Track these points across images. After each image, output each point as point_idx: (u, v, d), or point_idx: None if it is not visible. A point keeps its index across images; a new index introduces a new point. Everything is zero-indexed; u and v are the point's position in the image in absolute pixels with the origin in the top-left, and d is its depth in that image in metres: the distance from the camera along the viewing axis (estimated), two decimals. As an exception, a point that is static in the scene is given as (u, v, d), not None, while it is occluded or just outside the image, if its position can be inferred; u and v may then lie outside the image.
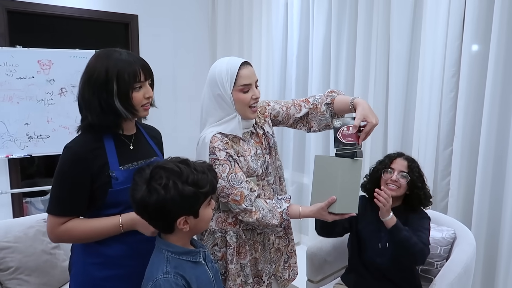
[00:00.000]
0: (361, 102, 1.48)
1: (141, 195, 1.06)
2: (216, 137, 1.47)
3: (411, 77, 2.52)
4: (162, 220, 1.10)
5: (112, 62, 1.22)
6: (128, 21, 3.65)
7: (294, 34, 3.23)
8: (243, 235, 1.55)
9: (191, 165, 1.10)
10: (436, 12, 2.28)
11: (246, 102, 1.49)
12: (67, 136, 2.99)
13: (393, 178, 1.79)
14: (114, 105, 1.23)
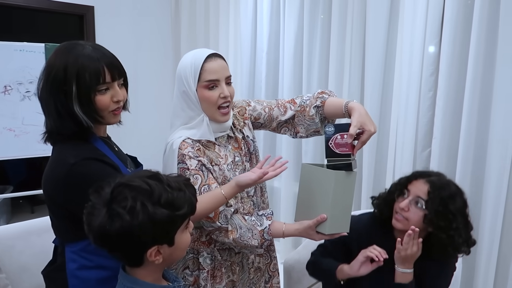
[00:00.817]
0: (357, 106, 1.27)
1: (100, 222, 0.83)
2: (186, 142, 1.27)
3: (387, 75, 2.43)
4: (129, 252, 0.88)
5: (72, 58, 1.03)
6: (83, 12, 3.37)
7: (264, 29, 3.09)
8: (219, 256, 1.36)
9: (164, 180, 0.88)
10: (414, 7, 2.20)
11: (212, 101, 1.27)
12: (13, 139, 2.68)
13: (401, 205, 1.30)
14: (73, 110, 1.04)
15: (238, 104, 1.46)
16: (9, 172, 4.40)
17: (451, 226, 1.24)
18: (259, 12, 3.11)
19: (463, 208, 1.28)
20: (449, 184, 1.30)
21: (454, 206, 1.25)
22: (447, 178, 1.34)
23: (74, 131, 1.06)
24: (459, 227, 1.25)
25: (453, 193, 1.28)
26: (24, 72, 2.68)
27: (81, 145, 1.08)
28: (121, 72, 1.12)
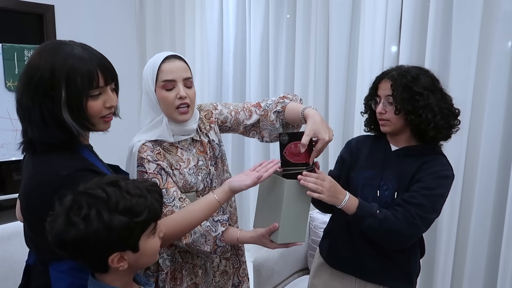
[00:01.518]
0: (312, 113, 1.25)
1: (56, 230, 0.82)
2: (145, 146, 1.27)
3: (350, 73, 2.51)
4: (89, 259, 0.87)
5: (61, 59, 0.93)
6: (42, 11, 3.25)
7: (230, 30, 3.10)
8: (179, 258, 1.36)
9: (123, 187, 0.86)
10: (374, 8, 2.28)
11: (169, 102, 1.27)
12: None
13: (378, 110, 1.33)
14: (61, 117, 0.94)
15: (205, 107, 1.46)
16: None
17: (418, 105, 1.25)
18: (225, 13, 3.12)
19: (431, 84, 1.30)
20: (409, 70, 1.31)
21: (418, 86, 1.27)
22: (409, 66, 1.35)
23: (61, 139, 0.97)
24: (429, 103, 1.26)
25: (414, 75, 1.29)
26: (-22, 74, 2.57)
27: (67, 155, 0.99)
28: (114, 75, 1.03)
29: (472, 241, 2.08)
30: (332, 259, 1.49)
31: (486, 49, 1.97)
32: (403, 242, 1.31)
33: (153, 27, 3.58)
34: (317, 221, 2.20)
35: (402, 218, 1.25)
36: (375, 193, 1.36)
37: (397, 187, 1.33)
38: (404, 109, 1.27)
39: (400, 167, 1.34)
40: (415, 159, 1.33)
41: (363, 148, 1.46)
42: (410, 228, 1.25)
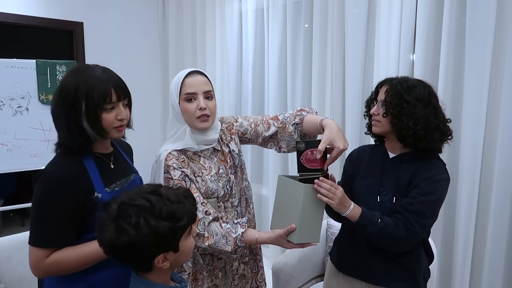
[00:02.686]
0: (329, 123, 1.35)
1: (110, 237, 0.93)
2: (171, 154, 1.38)
3: (366, 85, 2.57)
4: (137, 261, 0.97)
5: (83, 79, 1.16)
6: (72, 28, 3.43)
7: (249, 43, 3.21)
8: (201, 260, 1.44)
9: (164, 195, 0.96)
10: (389, 24, 2.35)
11: (191, 113, 1.38)
12: (5, 154, 2.72)
13: (372, 111, 1.41)
14: (81, 125, 1.16)
15: (227, 120, 1.56)
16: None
17: (403, 112, 1.32)
18: (244, 28, 3.23)
19: (425, 97, 1.35)
20: (407, 80, 1.38)
21: (410, 95, 1.33)
22: (413, 78, 1.41)
23: (80, 144, 1.18)
24: (414, 112, 1.32)
25: (411, 85, 1.35)
26: (16, 88, 2.74)
27: (66, 159, 1.18)
28: (126, 93, 1.24)
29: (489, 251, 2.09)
30: (342, 265, 1.55)
31: (500, 57, 2.01)
32: (403, 247, 1.37)
33: (175, 43, 3.72)
34: (334, 228, 2.25)
35: (403, 225, 1.32)
36: (376, 199, 1.43)
37: (396, 192, 1.40)
38: (391, 113, 1.35)
39: (397, 173, 1.41)
40: (411, 165, 1.39)
41: (363, 157, 1.54)
42: (409, 235, 1.32)
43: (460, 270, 2.17)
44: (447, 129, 1.40)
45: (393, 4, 2.32)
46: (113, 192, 1.23)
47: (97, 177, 1.21)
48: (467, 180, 2.12)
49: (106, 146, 1.29)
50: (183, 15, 3.60)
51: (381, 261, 1.42)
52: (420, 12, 2.22)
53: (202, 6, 3.41)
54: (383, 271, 1.43)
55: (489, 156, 2.10)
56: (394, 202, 1.38)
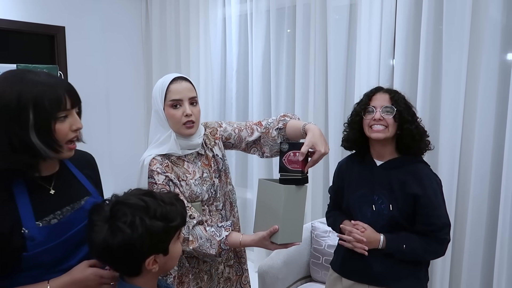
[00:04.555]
0: (312, 128, 1.39)
1: (103, 237, 0.92)
2: (155, 159, 1.39)
3: (348, 89, 2.64)
4: (129, 263, 0.97)
5: (27, 85, 0.95)
6: (53, 33, 3.39)
7: (233, 49, 3.23)
8: (186, 263, 1.45)
9: (157, 196, 0.99)
10: (369, 30, 2.42)
11: (177, 119, 1.40)
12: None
13: (376, 117, 1.45)
14: (29, 141, 0.95)
15: (211, 125, 1.58)
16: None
17: (414, 118, 1.47)
18: (228, 33, 3.26)
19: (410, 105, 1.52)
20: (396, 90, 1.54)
21: (408, 103, 1.50)
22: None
23: (27, 164, 0.98)
24: (415, 119, 1.49)
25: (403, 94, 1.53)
26: (-5, 92, 2.69)
27: None
28: (78, 99, 1.05)
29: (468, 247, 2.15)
30: (345, 271, 1.59)
31: (475, 61, 2.10)
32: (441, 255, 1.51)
33: (158, 48, 3.71)
34: (318, 230, 2.28)
35: (435, 242, 1.45)
36: (372, 208, 1.49)
37: (391, 199, 1.46)
38: (406, 118, 1.45)
39: (388, 179, 1.48)
40: (401, 170, 1.48)
41: (352, 168, 1.61)
42: (444, 244, 1.47)
43: (441, 269, 2.23)
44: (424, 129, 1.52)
45: (373, 11, 2.38)
46: (48, 226, 1.01)
47: (26, 208, 0.99)
48: (446, 182, 2.17)
49: (50, 166, 1.07)
50: (166, 20, 3.60)
51: (385, 263, 1.47)
52: (399, 19, 2.30)
53: (186, 11, 3.42)
54: (387, 272, 1.48)
55: (466, 158, 2.17)
56: (391, 209, 1.45)
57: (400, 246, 1.43)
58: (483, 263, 2.16)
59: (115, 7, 3.71)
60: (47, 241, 1.00)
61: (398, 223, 1.46)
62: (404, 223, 1.46)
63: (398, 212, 1.45)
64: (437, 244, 1.46)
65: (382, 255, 1.46)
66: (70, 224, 1.05)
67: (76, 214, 1.07)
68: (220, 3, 3.25)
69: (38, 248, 0.99)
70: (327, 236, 2.24)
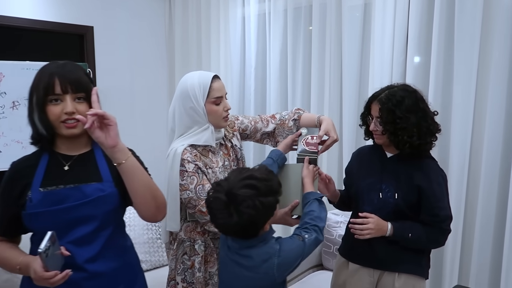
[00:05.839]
0: (326, 118, 1.63)
1: (235, 221, 1.15)
2: (186, 150, 1.51)
3: (362, 85, 2.71)
4: (254, 232, 1.22)
5: (40, 72, 1.16)
6: (83, 32, 3.58)
7: (251, 47, 3.34)
8: (211, 244, 1.59)
9: (259, 176, 1.20)
10: (383, 28, 2.48)
11: (219, 114, 1.55)
12: (20, 151, 2.79)
13: (371, 128, 1.58)
14: (33, 118, 1.16)
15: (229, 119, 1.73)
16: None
17: (398, 127, 1.48)
18: (247, 32, 3.37)
19: (414, 105, 1.50)
20: (395, 93, 1.51)
21: (401, 109, 1.48)
22: (398, 86, 1.56)
23: (35, 139, 1.19)
24: (406, 126, 1.47)
25: (399, 98, 1.49)
26: (30, 88, 2.90)
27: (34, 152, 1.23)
28: (78, 87, 1.15)
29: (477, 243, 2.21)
30: (351, 255, 1.70)
31: (486, 57, 2.15)
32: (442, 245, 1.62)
33: (181, 46, 3.85)
34: (330, 220, 2.38)
35: (439, 232, 1.54)
36: (379, 196, 1.59)
37: (397, 188, 1.56)
38: (387, 129, 1.51)
39: (396, 171, 1.58)
40: (408, 164, 1.57)
41: (364, 157, 1.72)
42: (446, 235, 1.56)
43: (450, 263, 2.29)
44: (436, 126, 1.55)
45: (387, 10, 2.45)
46: (47, 192, 1.16)
47: (40, 175, 1.17)
48: (456, 177, 2.24)
49: (74, 147, 1.22)
50: (188, 19, 3.74)
51: (390, 249, 1.57)
52: (412, 17, 2.36)
53: (207, 11, 3.55)
54: (391, 256, 1.58)
55: (476, 153, 2.22)
56: (396, 198, 1.55)
57: (406, 234, 1.53)
58: (492, 256, 2.20)
59: (140, 8, 3.88)
60: (41, 204, 1.14)
61: (402, 211, 1.55)
62: (408, 211, 1.55)
63: (402, 201, 1.54)
64: (439, 234, 1.56)
65: (387, 241, 1.55)
66: (62, 197, 1.16)
67: (73, 191, 1.18)
68: (239, 3, 3.36)
69: (32, 209, 1.14)
70: (338, 227, 2.33)
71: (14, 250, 1.21)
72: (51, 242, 1.05)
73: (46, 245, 1.03)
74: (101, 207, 1.19)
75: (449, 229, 1.56)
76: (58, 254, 1.10)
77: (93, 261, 1.18)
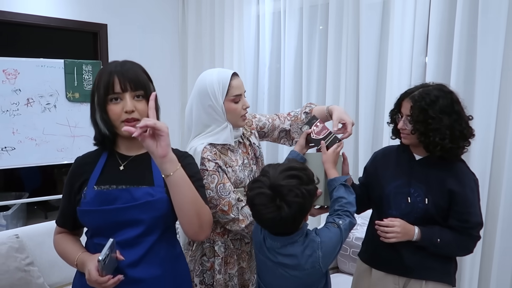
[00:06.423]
0: (336, 107, 1.61)
1: (288, 212, 1.17)
2: (206, 148, 1.48)
3: (380, 86, 2.65)
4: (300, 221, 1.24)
5: (100, 72, 1.18)
6: (96, 30, 3.58)
7: (266, 45, 3.30)
8: (231, 245, 1.56)
9: (297, 166, 1.24)
10: (402, 27, 2.43)
11: (238, 112, 1.52)
12: (34, 148, 2.88)
13: (399, 126, 1.50)
14: (95, 117, 1.18)
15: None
16: (24, 179, 4.59)
17: (430, 128, 1.39)
18: (261, 30, 3.33)
19: (449, 106, 1.41)
20: (429, 92, 1.42)
21: (434, 109, 1.39)
22: (433, 85, 1.47)
23: (96, 139, 1.21)
24: (439, 127, 1.39)
25: (433, 98, 1.40)
26: (45, 86, 2.89)
27: (96, 150, 1.26)
28: (137, 84, 1.15)
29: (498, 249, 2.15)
30: (375, 261, 1.62)
31: (510, 59, 2.07)
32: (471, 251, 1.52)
33: (194, 44, 3.83)
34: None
35: (469, 239, 1.47)
36: (406, 200, 1.50)
37: (427, 193, 1.47)
38: (418, 130, 1.42)
39: (427, 174, 1.49)
40: (439, 168, 1.47)
41: (389, 159, 1.62)
42: (475, 241, 1.48)
43: (469, 268, 2.24)
44: (470, 131, 1.45)
45: (406, 8, 2.39)
46: (100, 191, 1.16)
47: (96, 173, 1.19)
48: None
49: (133, 147, 1.23)
50: (202, 17, 3.72)
51: (417, 255, 1.49)
52: (433, 15, 2.30)
53: (221, 9, 3.52)
54: (418, 264, 1.50)
55: (499, 157, 2.16)
56: (426, 203, 1.47)
57: (434, 239, 1.45)
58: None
59: (153, 6, 3.87)
60: (93, 203, 1.15)
61: (432, 217, 1.47)
62: (438, 217, 1.47)
63: (433, 206, 1.46)
64: (469, 240, 1.48)
65: (414, 247, 1.48)
66: (113, 198, 1.16)
67: (123, 192, 1.16)
68: (254, 1, 3.33)
69: (85, 206, 1.16)
70: (355, 229, 2.29)
71: (74, 245, 1.24)
72: (110, 250, 1.06)
73: (105, 253, 1.03)
74: (148, 212, 1.16)
75: (479, 236, 1.48)
76: (113, 258, 1.10)
77: (135, 266, 1.15)
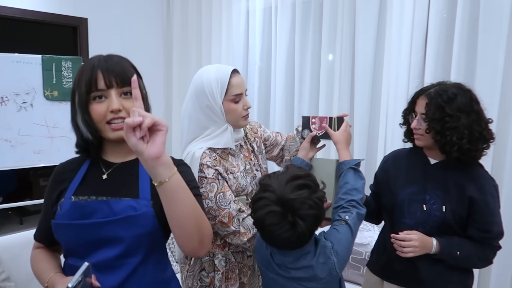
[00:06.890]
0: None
1: (305, 226, 1.07)
2: (205, 153, 1.34)
3: (376, 86, 2.57)
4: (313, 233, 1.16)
5: (81, 67, 1.02)
6: (76, 24, 3.40)
7: (256, 43, 3.19)
8: (233, 259, 1.43)
9: (303, 174, 1.13)
10: (400, 24, 2.35)
11: (238, 113, 1.38)
12: (9, 150, 2.68)
13: (413, 126, 1.39)
14: (76, 120, 1.02)
15: (251, 122, 1.59)
16: (-1, 183, 4.35)
17: (447, 126, 1.29)
18: (251, 26, 3.21)
19: (467, 105, 1.30)
20: (447, 89, 1.32)
21: (452, 107, 1.29)
22: (451, 83, 1.37)
23: (81, 146, 1.05)
24: (457, 126, 1.28)
25: (451, 95, 1.30)
26: (21, 83, 2.70)
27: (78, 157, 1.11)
28: (123, 80, 1.00)
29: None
30: (387, 273, 1.52)
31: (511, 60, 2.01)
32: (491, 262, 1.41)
33: (179, 41, 3.68)
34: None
35: (489, 250, 1.37)
36: (422, 208, 1.39)
37: (445, 200, 1.37)
38: (433, 128, 1.32)
39: (444, 180, 1.38)
40: (457, 173, 1.37)
41: (401, 163, 1.51)
42: (495, 253, 1.38)
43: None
44: (490, 134, 1.34)
45: (405, 1, 2.32)
46: (76, 203, 1.01)
47: (75, 183, 1.05)
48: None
49: (116, 153, 1.08)
50: (188, 12, 3.57)
51: (434, 268, 1.40)
52: (432, 10, 2.23)
53: (208, 3, 3.39)
54: (436, 277, 1.41)
55: (499, 157, 2.10)
56: (444, 211, 1.36)
57: (454, 252, 1.35)
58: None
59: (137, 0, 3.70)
60: (65, 215, 1.00)
61: (449, 226, 1.37)
62: (456, 227, 1.37)
63: (451, 214, 1.36)
64: (490, 251, 1.37)
65: (432, 259, 1.38)
66: (90, 211, 1.00)
67: (102, 205, 1.00)
68: (243, -4, 3.21)
69: (59, 219, 1.01)
70: (357, 236, 2.20)
71: (48, 263, 1.08)
72: (84, 275, 0.90)
73: (77, 280, 0.88)
74: (130, 229, 0.97)
75: (500, 246, 1.38)
76: (88, 284, 0.94)
77: None
